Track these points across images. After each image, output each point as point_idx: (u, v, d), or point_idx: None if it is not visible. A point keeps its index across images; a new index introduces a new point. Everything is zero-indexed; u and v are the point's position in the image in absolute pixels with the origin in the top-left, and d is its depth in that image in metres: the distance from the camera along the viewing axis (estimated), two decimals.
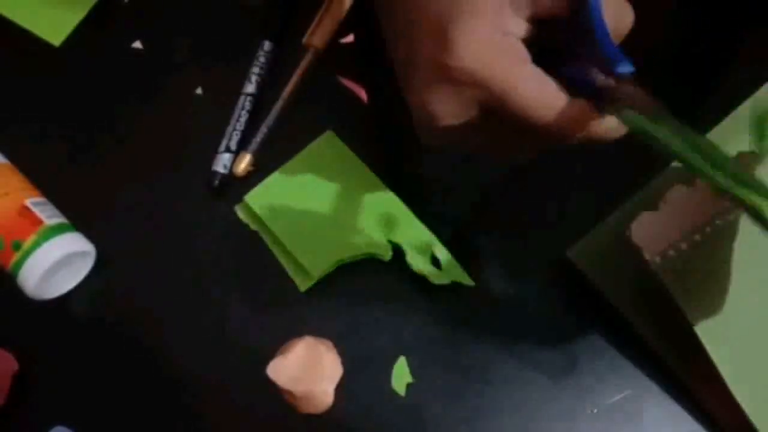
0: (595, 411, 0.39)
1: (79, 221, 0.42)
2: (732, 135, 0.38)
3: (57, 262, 0.38)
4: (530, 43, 0.30)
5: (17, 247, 0.38)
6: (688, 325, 0.35)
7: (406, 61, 0.32)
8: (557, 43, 0.31)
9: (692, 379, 0.38)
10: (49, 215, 0.40)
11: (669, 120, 0.27)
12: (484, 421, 0.39)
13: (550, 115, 0.29)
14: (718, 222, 0.35)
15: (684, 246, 0.36)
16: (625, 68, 0.29)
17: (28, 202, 0.40)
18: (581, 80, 0.30)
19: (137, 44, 0.46)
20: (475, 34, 0.28)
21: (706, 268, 0.35)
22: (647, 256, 0.35)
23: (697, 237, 0.35)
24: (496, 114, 0.30)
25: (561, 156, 0.42)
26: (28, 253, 0.38)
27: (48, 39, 0.46)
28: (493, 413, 0.39)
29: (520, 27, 0.30)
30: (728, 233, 0.35)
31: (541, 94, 0.29)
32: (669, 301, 0.35)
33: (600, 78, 0.29)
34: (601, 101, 0.29)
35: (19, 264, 0.38)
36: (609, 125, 0.30)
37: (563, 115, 0.29)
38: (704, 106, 0.41)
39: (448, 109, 0.30)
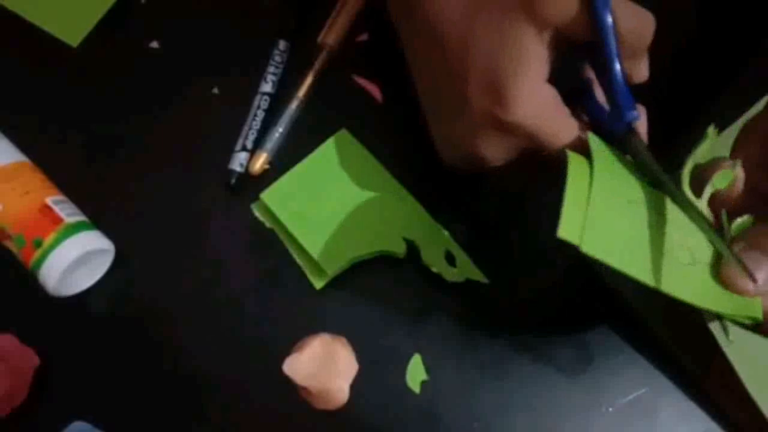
0: (610, 409, 0.39)
1: (97, 219, 0.42)
2: None
3: (77, 260, 0.39)
4: (557, 78, 0.32)
5: (38, 244, 0.39)
6: (704, 322, 0.35)
7: (446, 96, 0.34)
8: (582, 81, 0.34)
9: (708, 378, 0.38)
10: (69, 213, 0.40)
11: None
12: (499, 419, 0.39)
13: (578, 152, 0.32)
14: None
15: None
16: (631, 116, 0.32)
17: (48, 201, 0.40)
18: (597, 119, 0.33)
19: (154, 44, 0.47)
20: (527, 89, 0.31)
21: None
22: None
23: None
24: (534, 153, 0.33)
25: None
26: (48, 251, 0.39)
27: (65, 39, 0.46)
28: (507, 411, 0.39)
29: (553, 59, 0.32)
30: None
31: (575, 141, 0.32)
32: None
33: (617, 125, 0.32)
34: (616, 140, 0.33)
35: (40, 261, 0.39)
36: None
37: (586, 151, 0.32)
38: (719, 106, 0.41)
39: (495, 154, 0.34)
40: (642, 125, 0.33)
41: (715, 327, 0.34)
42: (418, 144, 0.43)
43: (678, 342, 0.38)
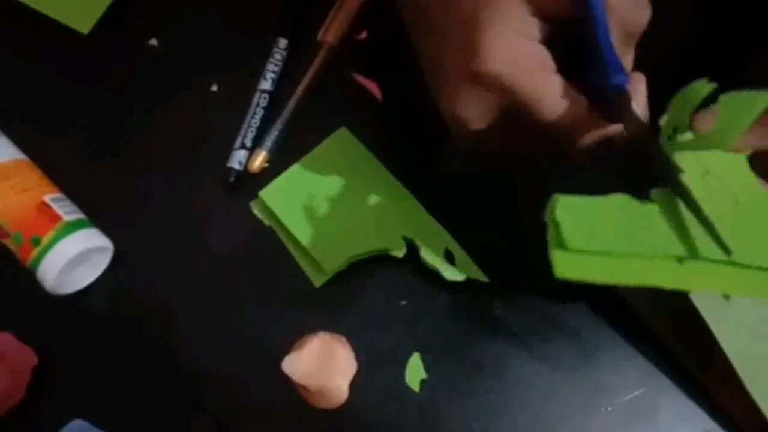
0: (610, 409, 0.38)
1: (96, 217, 0.42)
2: None
3: (75, 258, 0.39)
4: (554, 45, 0.31)
5: (36, 242, 0.38)
6: (704, 323, 0.35)
7: (433, 62, 0.33)
8: (582, 47, 0.32)
9: (708, 378, 0.38)
10: (67, 211, 0.40)
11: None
12: (498, 418, 0.39)
13: (566, 123, 0.30)
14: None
15: None
16: (619, 79, 0.30)
17: (46, 198, 0.40)
18: (600, 84, 0.31)
19: (153, 41, 0.47)
20: (502, 40, 0.29)
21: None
22: None
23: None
24: (521, 118, 0.31)
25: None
26: (46, 249, 0.38)
27: (76, 27, 0.46)
28: (506, 410, 0.39)
29: (540, 29, 0.31)
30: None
31: (561, 104, 0.30)
32: (684, 299, 0.35)
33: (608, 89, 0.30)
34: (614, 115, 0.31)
35: (38, 259, 0.38)
36: (615, 132, 0.32)
37: (576, 124, 0.31)
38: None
39: (474, 113, 0.31)
40: (637, 92, 0.31)
41: (716, 327, 0.34)
42: (417, 142, 0.43)
43: (678, 341, 0.38)
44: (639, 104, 0.31)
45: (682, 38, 0.44)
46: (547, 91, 0.30)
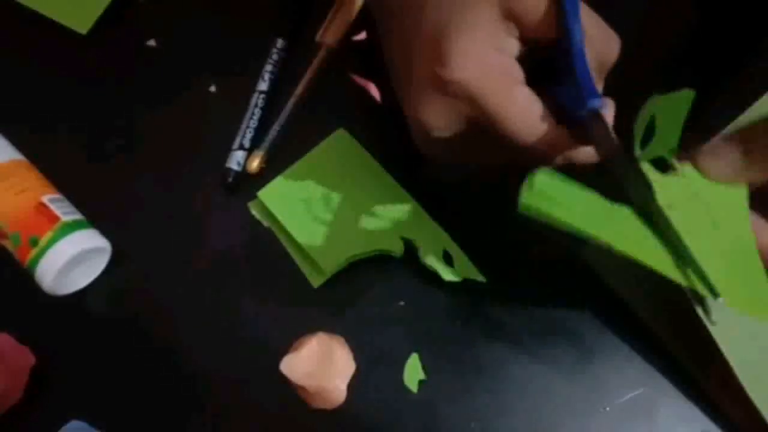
0: (608, 409, 0.39)
1: (94, 218, 0.42)
2: None
3: (73, 258, 0.39)
4: (526, 60, 0.31)
5: (34, 243, 0.38)
6: (703, 325, 0.35)
7: (400, 65, 0.33)
8: (555, 63, 0.32)
9: (706, 379, 0.38)
10: (65, 212, 0.40)
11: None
12: (496, 419, 0.39)
13: (532, 139, 0.30)
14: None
15: None
16: (594, 103, 0.30)
17: (44, 199, 0.40)
18: (571, 103, 0.31)
19: (152, 42, 0.47)
20: (470, 49, 0.29)
21: None
22: None
23: None
24: (485, 129, 0.31)
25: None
26: (44, 249, 0.38)
27: (75, 27, 0.46)
28: (505, 411, 0.39)
29: (512, 46, 0.31)
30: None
31: (527, 118, 0.30)
32: (683, 301, 0.35)
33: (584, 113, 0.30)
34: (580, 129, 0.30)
35: (36, 260, 0.38)
36: (586, 154, 0.31)
37: (544, 141, 0.30)
38: (719, 102, 0.41)
39: (439, 121, 0.31)
40: (608, 115, 0.31)
41: (715, 329, 0.34)
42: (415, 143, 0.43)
43: (677, 342, 0.38)
44: (605, 122, 0.31)
45: (680, 36, 0.44)
46: (514, 104, 0.30)
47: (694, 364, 0.38)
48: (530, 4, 0.30)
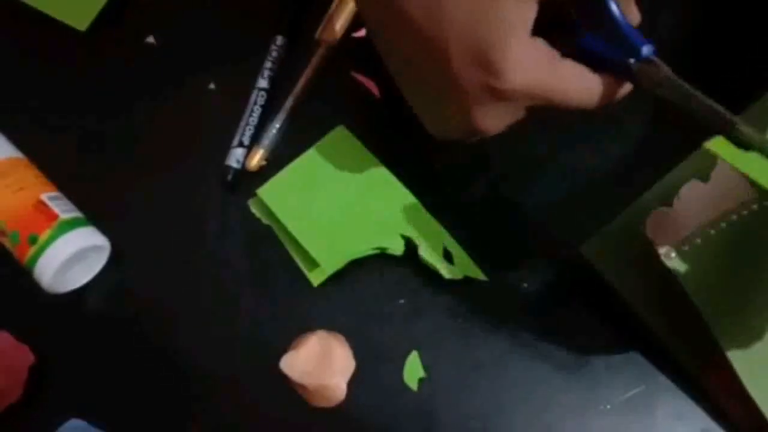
0: (608, 407, 0.39)
1: (93, 216, 0.42)
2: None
3: (72, 256, 0.39)
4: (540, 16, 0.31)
5: (33, 241, 0.38)
6: (702, 321, 0.35)
7: (428, 79, 0.33)
8: (565, 16, 0.33)
9: (705, 376, 0.38)
10: (64, 209, 0.40)
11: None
12: (496, 416, 0.39)
13: (594, 101, 0.32)
14: (733, 217, 0.35)
15: (698, 241, 0.35)
16: (647, 51, 0.31)
17: (43, 197, 0.40)
18: (594, 50, 0.32)
19: (151, 39, 0.46)
20: (517, 54, 0.29)
21: (720, 264, 0.35)
22: (661, 252, 0.35)
23: (712, 232, 0.35)
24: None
25: (574, 151, 0.43)
26: (43, 247, 0.38)
27: (73, 24, 0.46)
28: (504, 408, 0.39)
29: (533, 12, 0.30)
30: (744, 229, 0.35)
31: (586, 87, 0.32)
32: (683, 297, 0.35)
33: (629, 60, 0.31)
34: (625, 76, 0.32)
35: (35, 258, 0.38)
36: (628, 89, 0.33)
37: (602, 97, 0.32)
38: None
39: (499, 124, 0.33)
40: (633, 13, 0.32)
41: (714, 325, 0.34)
42: (416, 140, 0.43)
43: (676, 340, 0.38)
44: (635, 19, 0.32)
45: (684, 35, 0.44)
46: (568, 82, 0.31)
47: (693, 361, 0.38)
48: None
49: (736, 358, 0.35)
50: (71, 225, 0.40)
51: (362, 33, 0.46)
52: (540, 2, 0.30)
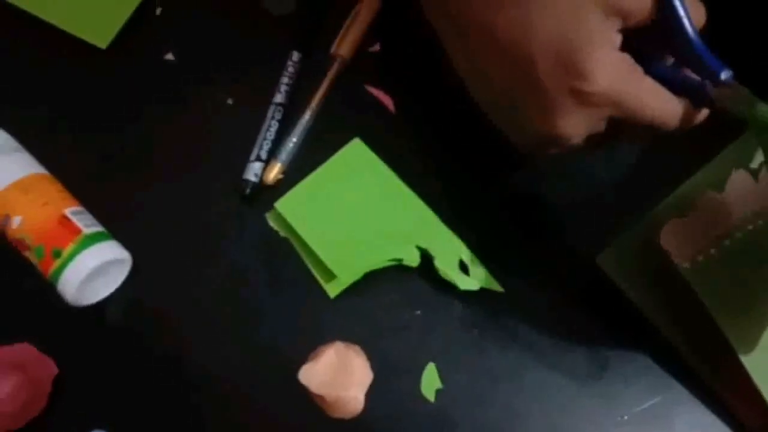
0: (625, 417, 0.39)
1: (113, 229, 0.42)
2: None
3: (95, 270, 0.39)
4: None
5: (57, 255, 0.39)
6: (719, 330, 0.35)
7: (508, 83, 0.33)
8: (639, 43, 0.33)
9: (722, 386, 0.38)
10: (86, 224, 0.41)
11: None
12: (513, 428, 0.39)
13: (675, 121, 0.32)
14: (749, 227, 0.35)
15: (713, 252, 0.36)
16: (727, 74, 0.31)
17: (67, 212, 0.41)
18: (669, 77, 0.32)
19: (170, 56, 0.47)
20: (604, 58, 0.30)
21: (736, 274, 0.35)
22: (676, 262, 0.35)
23: (727, 243, 0.35)
24: (622, 122, 0.32)
25: (588, 163, 0.43)
26: (67, 261, 0.39)
27: (95, 42, 0.47)
28: (521, 419, 0.39)
29: (618, 39, 0.32)
30: (759, 239, 0.35)
31: (666, 105, 0.32)
32: (699, 307, 0.35)
33: (706, 83, 0.32)
34: (698, 98, 0.32)
35: (59, 272, 0.39)
36: (704, 115, 0.33)
37: (682, 119, 0.32)
38: None
39: (581, 130, 0.33)
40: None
41: (731, 334, 0.34)
42: (431, 152, 0.44)
43: (693, 350, 0.38)
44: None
45: None
46: (651, 97, 0.31)
47: (709, 371, 0.38)
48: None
49: (753, 367, 0.35)
50: (94, 239, 0.40)
51: (377, 48, 0.47)
52: (621, 29, 0.31)
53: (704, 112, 0.33)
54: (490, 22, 0.32)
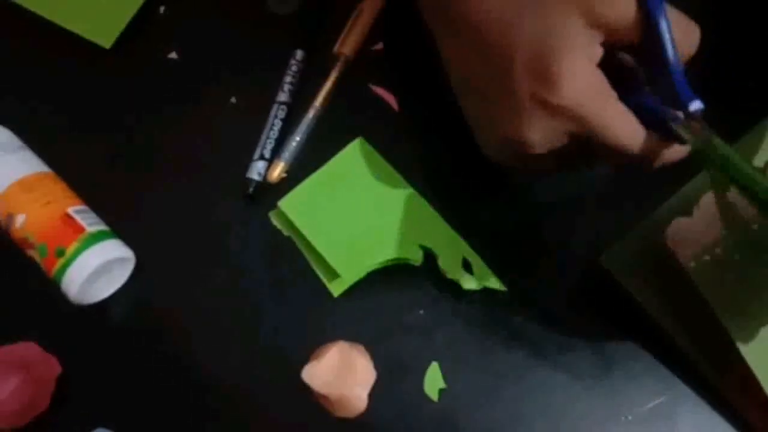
0: (630, 417, 0.38)
1: (117, 228, 0.43)
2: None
3: (98, 268, 0.39)
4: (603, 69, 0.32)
5: (60, 253, 0.39)
6: (723, 330, 0.34)
7: (486, 87, 0.33)
8: (623, 72, 0.33)
9: (727, 385, 0.38)
10: (90, 222, 0.41)
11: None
12: (517, 427, 0.39)
13: (636, 148, 0.32)
14: (753, 227, 0.35)
15: (718, 251, 0.35)
16: (696, 106, 0.31)
17: (70, 210, 0.41)
18: (648, 109, 0.32)
19: (173, 55, 0.47)
20: (576, 71, 0.30)
21: (741, 273, 0.35)
22: (681, 261, 0.35)
23: (732, 242, 0.35)
24: (586, 142, 0.32)
25: None
26: (70, 260, 0.39)
27: (98, 42, 0.47)
28: (525, 419, 0.39)
29: (597, 54, 0.31)
30: (764, 237, 0.35)
31: (630, 130, 0.31)
32: (703, 307, 0.35)
33: (671, 112, 0.31)
34: (667, 131, 0.31)
35: (62, 270, 0.39)
36: (677, 152, 0.33)
37: (645, 148, 0.32)
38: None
39: (543, 139, 0.32)
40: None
41: (735, 333, 0.34)
42: (434, 152, 0.44)
43: (697, 349, 0.38)
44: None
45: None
46: (617, 118, 0.31)
47: (714, 370, 0.38)
48: (620, 12, 0.30)
49: (758, 367, 0.35)
50: (97, 238, 0.40)
51: (380, 46, 0.47)
52: (604, 44, 0.31)
53: (677, 150, 0.32)
54: (481, 21, 0.32)
